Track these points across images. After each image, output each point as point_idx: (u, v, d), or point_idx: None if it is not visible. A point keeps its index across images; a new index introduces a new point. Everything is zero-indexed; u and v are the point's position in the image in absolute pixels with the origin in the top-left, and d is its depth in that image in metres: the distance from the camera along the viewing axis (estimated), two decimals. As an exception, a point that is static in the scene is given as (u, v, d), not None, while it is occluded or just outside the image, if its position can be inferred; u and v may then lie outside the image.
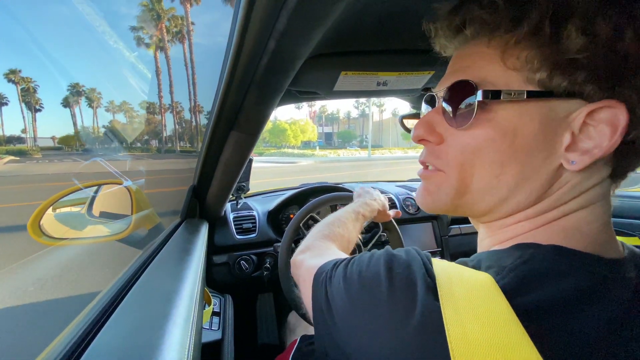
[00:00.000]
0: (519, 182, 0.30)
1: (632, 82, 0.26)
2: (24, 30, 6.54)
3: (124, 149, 2.15)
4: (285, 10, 0.38)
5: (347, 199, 1.08)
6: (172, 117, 9.09)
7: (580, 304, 0.24)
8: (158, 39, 6.72)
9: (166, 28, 14.62)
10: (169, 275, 0.50)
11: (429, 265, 0.29)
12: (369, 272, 0.30)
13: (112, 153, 1.82)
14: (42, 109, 6.11)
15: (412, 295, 0.26)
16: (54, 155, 2.82)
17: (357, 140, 60.48)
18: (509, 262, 0.27)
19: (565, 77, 0.27)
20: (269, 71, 0.53)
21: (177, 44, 15.22)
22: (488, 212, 0.33)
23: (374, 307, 0.28)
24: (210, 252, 1.12)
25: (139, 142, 2.94)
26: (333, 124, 68.43)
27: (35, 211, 0.71)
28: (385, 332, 0.27)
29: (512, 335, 0.22)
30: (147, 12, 7.54)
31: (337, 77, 0.70)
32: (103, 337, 0.32)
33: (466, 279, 0.27)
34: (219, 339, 0.79)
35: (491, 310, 0.24)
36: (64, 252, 0.61)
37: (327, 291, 0.33)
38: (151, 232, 0.94)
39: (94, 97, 7.67)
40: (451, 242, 1.42)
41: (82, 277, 0.52)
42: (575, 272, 0.26)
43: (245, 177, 1.20)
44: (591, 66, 0.26)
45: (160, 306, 0.39)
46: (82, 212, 0.97)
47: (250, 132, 0.75)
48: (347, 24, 0.52)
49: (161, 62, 15.96)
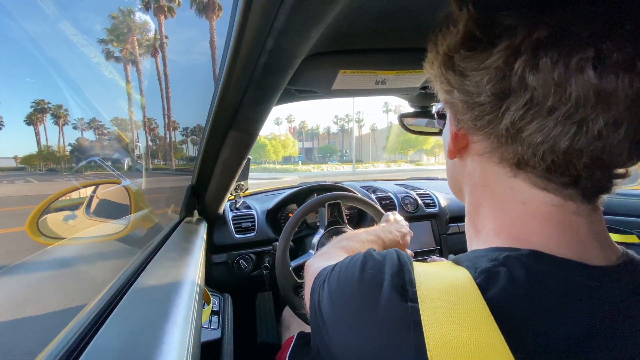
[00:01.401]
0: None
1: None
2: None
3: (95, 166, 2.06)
4: (284, 9, 0.37)
5: (346, 198, 1.08)
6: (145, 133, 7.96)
7: (549, 313, 0.24)
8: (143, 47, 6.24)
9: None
10: (168, 275, 0.50)
11: (406, 266, 0.29)
12: (347, 271, 0.32)
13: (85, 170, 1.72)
14: (2, 127, 5.41)
15: (377, 294, 0.27)
16: (15, 176, 2.51)
17: (337, 155, 60.65)
18: (483, 264, 0.27)
19: None
20: (267, 70, 0.53)
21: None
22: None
23: (347, 304, 0.29)
24: (210, 251, 1.12)
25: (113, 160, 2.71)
26: (313, 139, 68.00)
27: (33, 211, 0.71)
28: (356, 329, 0.28)
29: (489, 336, 0.23)
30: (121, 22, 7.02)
31: (336, 76, 0.69)
32: (102, 337, 0.32)
33: (445, 280, 0.27)
34: (219, 338, 0.79)
35: (469, 310, 0.24)
36: (62, 251, 0.61)
37: (319, 292, 0.34)
38: (150, 232, 0.94)
39: (60, 114, 7.10)
40: (450, 240, 1.42)
41: (81, 277, 0.52)
42: (548, 279, 0.26)
43: (243, 176, 1.20)
44: None
45: (159, 305, 0.39)
46: (80, 211, 0.97)
47: (249, 132, 0.75)
48: (345, 23, 0.51)
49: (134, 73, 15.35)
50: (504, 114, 0.26)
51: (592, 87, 0.23)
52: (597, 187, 0.27)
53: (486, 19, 0.26)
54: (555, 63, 0.23)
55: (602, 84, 0.22)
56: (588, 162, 0.25)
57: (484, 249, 0.30)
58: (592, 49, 0.22)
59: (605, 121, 0.23)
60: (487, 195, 0.32)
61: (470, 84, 0.27)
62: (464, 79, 0.28)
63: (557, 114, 0.24)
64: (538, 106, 0.24)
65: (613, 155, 0.25)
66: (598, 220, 0.29)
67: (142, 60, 4.23)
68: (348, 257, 0.34)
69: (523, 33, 0.24)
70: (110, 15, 2.96)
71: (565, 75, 0.23)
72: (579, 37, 0.23)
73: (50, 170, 1.26)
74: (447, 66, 0.29)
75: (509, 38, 0.25)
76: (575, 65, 0.23)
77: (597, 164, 0.25)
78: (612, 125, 0.23)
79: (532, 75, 0.24)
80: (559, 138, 0.24)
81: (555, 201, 0.28)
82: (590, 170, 0.26)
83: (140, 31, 3.97)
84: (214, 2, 17.09)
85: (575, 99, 0.23)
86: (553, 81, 0.23)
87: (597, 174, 0.26)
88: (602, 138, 0.24)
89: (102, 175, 1.13)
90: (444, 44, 0.29)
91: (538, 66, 0.24)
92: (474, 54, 0.27)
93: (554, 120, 0.24)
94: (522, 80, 0.24)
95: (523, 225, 0.29)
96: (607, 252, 0.28)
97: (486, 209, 0.32)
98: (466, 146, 0.33)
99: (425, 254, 1.36)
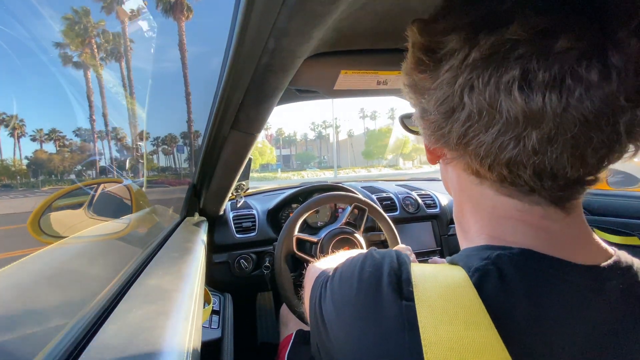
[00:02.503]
0: None
1: None
2: None
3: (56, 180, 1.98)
4: (286, 9, 0.37)
5: (346, 199, 1.08)
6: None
7: (545, 310, 0.25)
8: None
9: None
10: (168, 274, 0.50)
11: (404, 265, 0.29)
12: (348, 270, 0.32)
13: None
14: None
15: (375, 292, 0.28)
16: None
17: (315, 161, 60.41)
18: (475, 262, 0.28)
19: None
20: (269, 70, 0.53)
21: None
22: None
23: (347, 302, 0.30)
24: (210, 251, 1.12)
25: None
26: (291, 146, 67.72)
27: (35, 209, 0.71)
28: (355, 327, 0.28)
29: (485, 335, 0.23)
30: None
31: (337, 76, 0.70)
32: (103, 336, 0.32)
33: (442, 279, 0.27)
34: (219, 338, 0.79)
35: (465, 308, 0.24)
36: (63, 250, 0.61)
37: (321, 291, 0.35)
38: (151, 231, 0.94)
39: (16, 126, 6.02)
40: (451, 240, 1.42)
41: (82, 276, 0.52)
42: (541, 277, 0.26)
43: (244, 175, 1.20)
44: None
45: (159, 305, 0.39)
46: (82, 210, 0.97)
47: (251, 131, 0.75)
48: (347, 23, 0.51)
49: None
50: (450, 130, 0.28)
51: (519, 106, 0.23)
52: (557, 196, 0.27)
53: (431, 43, 0.28)
54: (486, 84, 0.24)
55: (529, 104, 0.23)
56: (532, 174, 0.26)
57: (474, 247, 0.31)
58: (518, 70, 0.23)
59: (538, 137, 0.24)
60: (465, 199, 0.34)
61: (424, 102, 0.30)
62: (422, 97, 0.30)
63: (493, 130, 0.25)
64: (477, 123, 0.26)
65: (557, 168, 0.25)
66: (575, 224, 0.29)
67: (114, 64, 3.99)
68: (350, 257, 0.35)
69: (461, 56, 0.25)
70: (63, 17, 2.82)
71: (496, 96, 0.24)
72: (508, 58, 0.23)
73: (5, 186, 1.18)
74: (410, 86, 0.32)
75: (449, 61, 0.26)
76: (504, 86, 0.23)
77: (544, 175, 0.26)
78: (546, 141, 0.24)
79: (467, 96, 0.25)
80: (499, 151, 0.25)
81: (521, 206, 0.28)
82: (539, 181, 0.26)
83: (99, 33, 3.77)
84: (182, 2, 16.36)
85: (505, 118, 0.24)
86: (485, 101, 0.24)
87: (548, 183, 0.26)
88: (539, 153, 0.24)
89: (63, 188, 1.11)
90: (405, 65, 0.32)
91: (472, 87, 0.25)
92: (424, 76, 0.29)
93: (492, 136, 0.25)
94: (461, 100, 0.26)
95: (499, 227, 0.30)
96: (593, 253, 0.28)
97: (468, 211, 0.34)
98: (443, 157, 0.34)
99: (426, 254, 1.36)
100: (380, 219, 1.06)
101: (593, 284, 0.26)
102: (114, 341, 0.31)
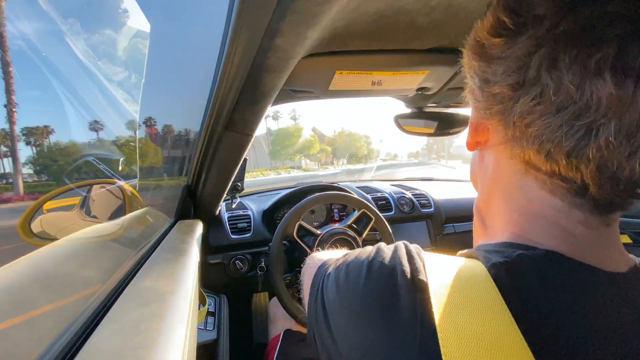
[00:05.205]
0: None
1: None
2: None
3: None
4: (280, 10, 0.37)
5: (341, 199, 1.08)
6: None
7: (566, 311, 0.24)
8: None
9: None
10: (163, 276, 0.50)
11: (415, 255, 0.29)
12: (357, 260, 0.31)
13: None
14: None
15: (386, 284, 0.27)
16: None
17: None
18: (495, 258, 0.27)
19: None
20: (263, 71, 0.53)
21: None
22: None
23: (354, 291, 0.29)
24: (205, 252, 1.11)
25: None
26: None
27: (25, 211, 0.70)
28: (362, 317, 0.27)
29: (503, 325, 0.22)
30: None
31: (332, 77, 0.70)
32: (96, 339, 0.32)
33: (456, 269, 0.27)
34: (214, 339, 0.79)
35: (482, 299, 0.24)
36: (55, 252, 0.60)
37: (324, 279, 0.34)
38: (144, 233, 0.93)
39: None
40: (446, 240, 1.43)
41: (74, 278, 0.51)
42: (565, 279, 0.25)
43: (239, 176, 1.20)
44: None
45: (154, 307, 0.39)
46: (74, 212, 0.95)
47: (245, 132, 0.75)
48: (342, 24, 0.52)
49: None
50: (514, 105, 0.25)
51: (606, 91, 0.21)
52: (608, 201, 0.25)
53: (518, 5, 0.25)
54: (573, 60, 0.22)
55: (619, 89, 0.21)
56: (595, 171, 0.23)
57: (493, 243, 0.30)
58: (614, 49, 0.21)
59: (616, 129, 0.21)
60: (497, 190, 0.31)
61: (490, 72, 0.27)
62: (487, 66, 0.27)
63: (566, 112, 0.22)
64: (547, 102, 0.23)
65: (623, 168, 0.22)
66: (610, 234, 0.27)
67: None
68: (357, 249, 0.34)
69: (548, 24, 0.23)
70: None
71: (581, 74, 0.21)
72: (604, 35, 0.21)
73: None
74: (475, 53, 0.29)
75: (534, 28, 0.23)
76: (593, 65, 0.21)
77: (606, 174, 0.23)
78: (624, 135, 0.21)
79: (546, 70, 0.23)
80: (564, 139, 0.23)
81: (560, 206, 0.26)
82: (599, 180, 0.23)
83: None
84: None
85: (586, 100, 0.21)
86: (567, 79, 0.22)
87: (607, 185, 0.23)
88: (610, 147, 0.22)
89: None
90: (477, 30, 0.28)
91: (555, 60, 0.22)
92: (500, 41, 0.26)
93: (561, 119, 0.23)
94: (537, 73, 0.23)
95: (528, 225, 0.28)
96: (619, 261, 0.27)
97: (496, 205, 0.32)
98: (486, 141, 0.32)
99: None
100: (383, 232, 1.08)
101: (617, 291, 0.25)
102: (108, 344, 0.31)
